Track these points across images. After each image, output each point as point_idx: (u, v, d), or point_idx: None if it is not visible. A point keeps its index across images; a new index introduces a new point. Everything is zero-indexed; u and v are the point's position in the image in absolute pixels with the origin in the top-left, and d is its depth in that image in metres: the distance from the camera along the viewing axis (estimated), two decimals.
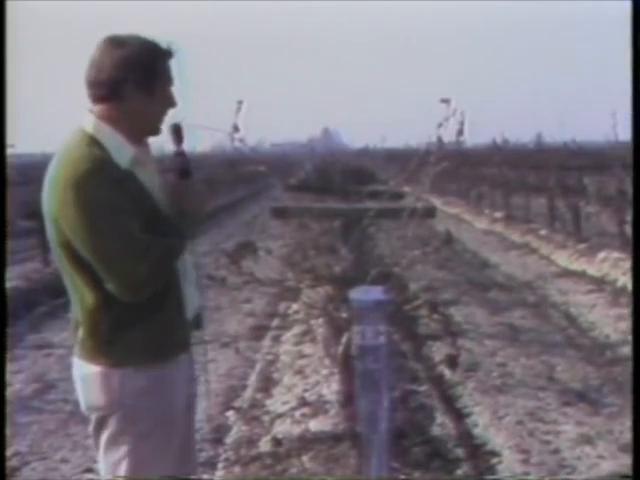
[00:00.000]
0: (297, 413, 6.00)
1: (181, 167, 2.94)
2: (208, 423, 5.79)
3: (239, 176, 31.21)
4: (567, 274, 12.24)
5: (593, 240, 13.78)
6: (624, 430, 5.46)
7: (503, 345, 8.08)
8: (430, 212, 7.00)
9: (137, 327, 2.80)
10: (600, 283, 11.14)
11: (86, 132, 2.80)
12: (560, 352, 7.79)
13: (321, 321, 7.25)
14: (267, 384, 6.98)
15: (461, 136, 5.09)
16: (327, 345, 6.59)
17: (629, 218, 11.15)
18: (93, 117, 2.81)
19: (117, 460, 2.86)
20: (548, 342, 8.21)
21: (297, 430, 5.63)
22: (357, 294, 3.93)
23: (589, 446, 5.38)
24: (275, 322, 9.41)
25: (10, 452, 5.48)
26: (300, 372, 7.13)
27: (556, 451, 5.33)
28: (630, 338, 6.81)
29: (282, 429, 5.72)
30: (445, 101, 4.84)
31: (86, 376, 2.85)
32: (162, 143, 3.03)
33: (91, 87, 2.81)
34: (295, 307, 9.10)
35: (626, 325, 8.19)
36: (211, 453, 5.44)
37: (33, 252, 13.09)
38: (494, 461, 5.20)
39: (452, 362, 5.71)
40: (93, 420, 2.88)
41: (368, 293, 3.95)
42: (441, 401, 6.33)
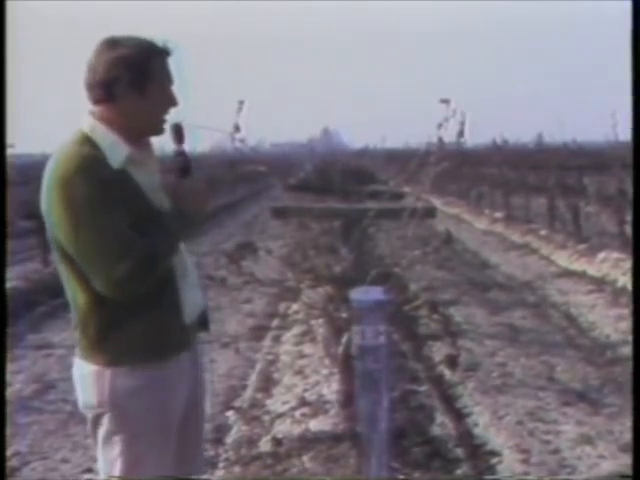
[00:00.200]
0: (297, 413, 6.00)
1: (181, 167, 2.95)
2: (208, 423, 5.79)
3: (239, 176, 31.21)
4: (567, 274, 12.23)
5: (593, 240, 13.78)
6: (624, 430, 5.46)
7: (503, 345, 8.07)
8: (430, 212, 7.01)
9: (130, 326, 2.80)
10: (600, 283, 11.13)
11: (83, 132, 2.84)
12: (560, 352, 7.79)
13: (321, 321, 7.25)
14: (267, 384, 6.98)
15: (461, 137, 5.10)
16: (327, 345, 6.59)
17: (629, 218, 11.15)
18: (91, 118, 2.85)
19: (112, 459, 2.87)
20: (548, 342, 8.21)
21: (297, 430, 5.63)
22: (357, 294, 3.93)
23: (589, 446, 5.38)
24: (275, 322, 9.41)
25: (10, 452, 5.48)
26: (300, 372, 7.12)
27: (556, 451, 5.33)
28: (630, 338, 6.82)
29: (282, 429, 5.72)
30: (445, 101, 4.85)
31: (82, 375, 2.88)
32: (162, 143, 3.04)
33: (88, 89, 2.86)
34: (295, 307, 9.10)
35: (626, 325, 8.18)
36: (211, 453, 5.44)
37: (33, 252, 13.08)
38: (494, 461, 5.20)
39: (452, 362, 5.71)
40: (89, 419, 2.90)
41: (368, 293, 3.96)
42: (441, 401, 6.32)
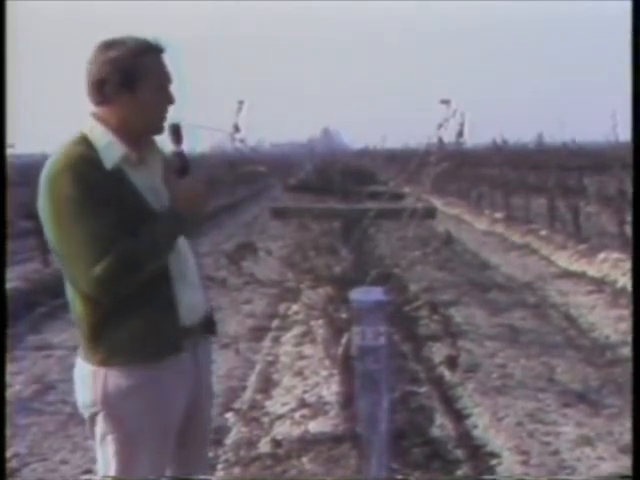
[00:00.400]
0: (297, 414, 5.99)
1: (179, 167, 2.94)
2: None
3: (239, 176, 31.15)
4: (567, 275, 12.23)
5: (593, 241, 13.77)
6: (624, 431, 5.46)
7: (503, 346, 8.07)
8: (430, 213, 7.00)
9: (122, 326, 2.80)
10: (600, 284, 11.13)
11: (82, 133, 2.86)
12: (560, 353, 7.79)
13: (321, 322, 7.24)
14: (267, 385, 6.98)
15: (461, 137, 5.10)
16: (327, 346, 6.59)
17: (629, 218, 11.14)
18: (92, 119, 2.87)
19: (108, 458, 2.87)
20: (548, 343, 8.21)
21: (297, 431, 5.63)
22: (357, 295, 3.93)
23: (589, 447, 5.38)
24: (275, 323, 9.41)
25: (10, 453, 5.48)
26: (300, 373, 7.12)
27: (556, 452, 5.33)
28: (630, 339, 6.81)
29: (282, 430, 5.71)
30: (445, 102, 4.85)
31: (81, 374, 2.90)
32: (161, 143, 3.03)
33: (87, 91, 2.88)
34: (295, 308, 9.10)
35: (626, 326, 8.18)
36: (211, 454, 5.43)
37: (33, 253, 13.08)
38: (494, 462, 5.19)
39: (452, 363, 5.71)
40: (87, 418, 2.91)
41: (368, 294, 3.96)
42: (441, 402, 6.32)
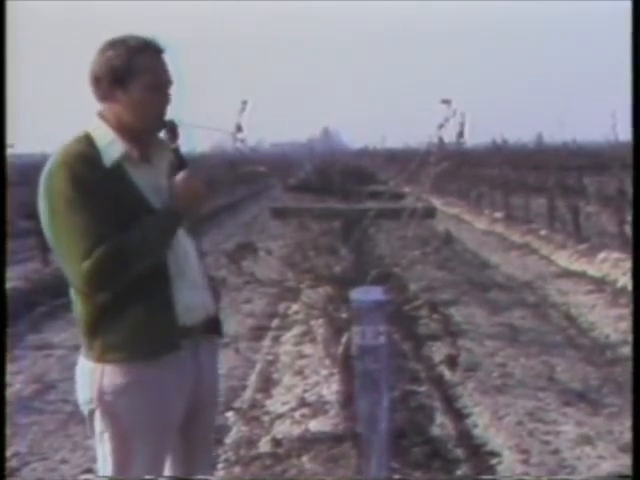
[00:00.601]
0: (297, 413, 5.99)
1: (175, 164, 2.93)
2: None
3: (239, 176, 31.17)
4: (567, 274, 12.23)
5: (593, 240, 13.78)
6: (624, 430, 5.46)
7: (503, 345, 8.07)
8: (430, 212, 7.02)
9: (118, 323, 2.80)
10: (600, 283, 11.13)
11: (85, 131, 2.87)
12: (560, 352, 7.79)
13: (321, 321, 7.25)
14: (267, 384, 6.97)
15: (461, 137, 5.11)
16: (327, 345, 6.60)
17: (629, 218, 11.15)
18: (96, 117, 2.89)
19: (105, 456, 2.88)
20: (548, 342, 8.21)
21: (297, 430, 5.63)
22: (357, 294, 3.93)
23: (589, 446, 5.38)
24: (275, 322, 9.40)
25: (10, 452, 5.47)
26: (300, 372, 7.12)
27: (556, 451, 5.33)
28: (630, 338, 6.82)
29: (282, 429, 5.71)
30: (446, 102, 4.86)
31: (81, 371, 2.91)
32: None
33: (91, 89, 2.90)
34: (295, 307, 9.10)
35: (626, 325, 8.18)
36: None
37: (33, 252, 13.08)
38: (494, 461, 5.19)
39: (452, 362, 5.71)
40: (86, 415, 2.91)
41: (368, 293, 3.96)
42: (441, 401, 6.32)
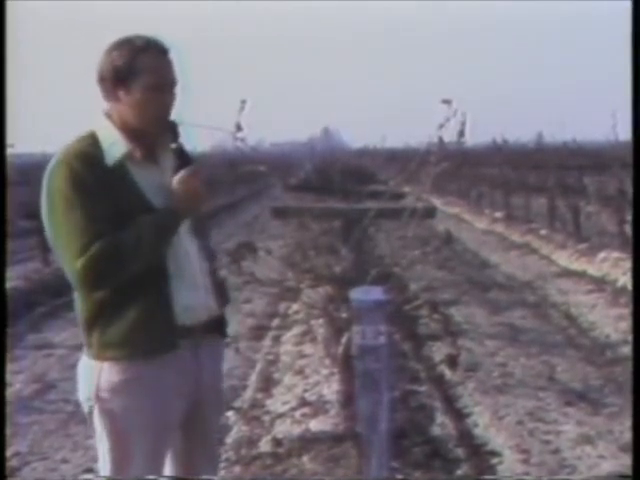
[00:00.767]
0: (297, 413, 5.99)
1: (176, 164, 2.93)
2: None
3: (239, 176, 31.16)
4: (567, 274, 12.23)
5: (593, 240, 13.77)
6: (624, 430, 5.46)
7: (503, 345, 8.07)
8: (430, 212, 7.02)
9: (115, 321, 2.80)
10: (600, 283, 11.13)
11: (91, 130, 2.88)
12: (560, 352, 7.79)
13: (321, 321, 7.24)
14: (267, 384, 6.97)
15: (462, 137, 5.10)
16: (327, 345, 6.60)
17: (629, 218, 11.15)
18: (103, 116, 2.90)
19: (103, 454, 2.88)
20: (548, 342, 8.21)
21: (297, 430, 5.63)
22: (357, 294, 3.93)
23: (589, 446, 5.38)
24: (275, 322, 9.41)
25: (10, 452, 5.47)
26: (300, 372, 7.12)
27: (556, 451, 5.33)
28: (630, 338, 6.82)
29: (282, 429, 5.71)
30: (446, 102, 4.85)
31: (81, 369, 2.92)
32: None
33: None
34: (295, 307, 9.09)
35: (626, 325, 8.18)
36: None
37: (33, 252, 13.08)
38: (494, 461, 5.19)
39: (452, 362, 5.71)
40: (87, 413, 2.91)
41: (368, 293, 3.96)
42: (441, 401, 6.32)
